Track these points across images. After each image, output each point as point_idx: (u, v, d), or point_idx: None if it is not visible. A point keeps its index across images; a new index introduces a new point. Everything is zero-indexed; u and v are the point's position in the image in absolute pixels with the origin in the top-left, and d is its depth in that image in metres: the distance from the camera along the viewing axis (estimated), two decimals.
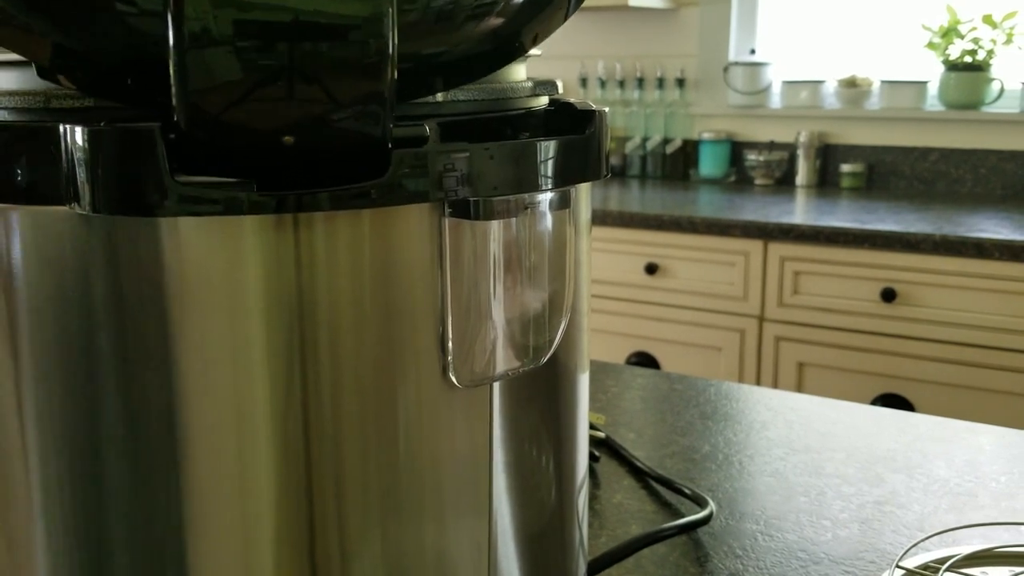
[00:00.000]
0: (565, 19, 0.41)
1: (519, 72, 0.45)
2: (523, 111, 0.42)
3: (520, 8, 0.36)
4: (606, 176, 0.42)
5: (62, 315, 0.34)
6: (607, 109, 0.43)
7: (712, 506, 0.71)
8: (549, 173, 0.38)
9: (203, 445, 0.35)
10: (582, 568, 0.49)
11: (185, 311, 0.34)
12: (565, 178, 0.39)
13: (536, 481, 0.42)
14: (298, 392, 0.35)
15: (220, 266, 0.34)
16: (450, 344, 0.38)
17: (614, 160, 3.06)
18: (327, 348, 0.35)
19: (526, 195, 0.35)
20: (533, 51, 0.42)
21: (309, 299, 0.35)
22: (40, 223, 0.34)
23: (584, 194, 0.44)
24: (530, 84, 0.44)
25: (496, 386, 0.40)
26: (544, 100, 0.45)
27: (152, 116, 0.32)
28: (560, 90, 0.46)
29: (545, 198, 0.39)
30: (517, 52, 0.39)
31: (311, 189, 0.33)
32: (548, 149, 0.38)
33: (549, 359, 0.42)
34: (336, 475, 0.37)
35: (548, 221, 0.39)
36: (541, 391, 0.43)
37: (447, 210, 0.35)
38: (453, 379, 0.38)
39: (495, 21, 0.34)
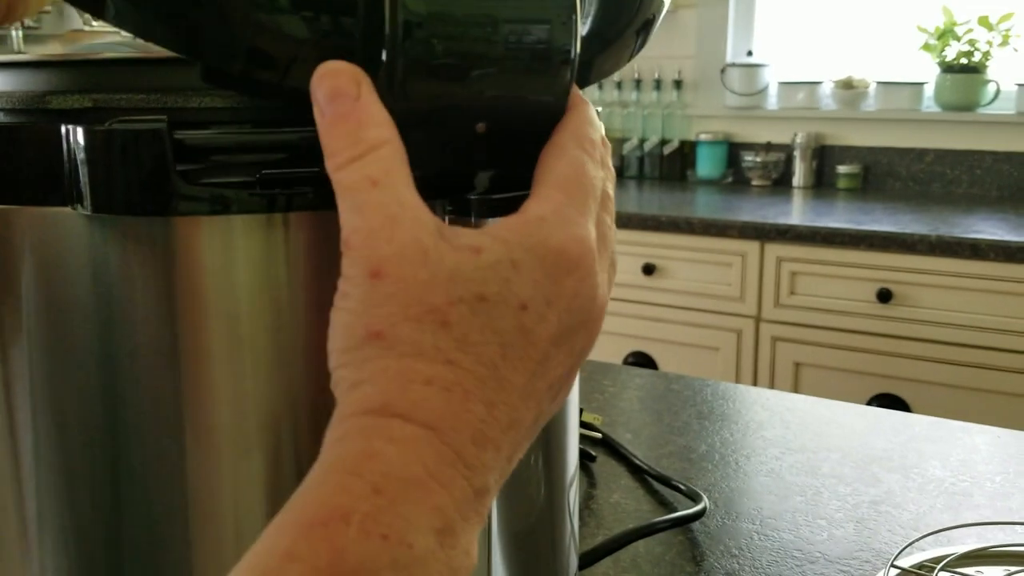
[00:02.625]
0: (629, 59, 0.42)
1: None
2: None
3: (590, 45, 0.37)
4: None
5: (63, 317, 0.34)
6: (601, 109, 0.43)
7: (706, 501, 0.71)
8: None
9: (202, 442, 0.35)
10: (573, 563, 0.49)
11: (191, 311, 0.34)
12: None
13: (525, 477, 0.43)
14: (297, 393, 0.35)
15: (230, 264, 0.34)
16: None
17: (612, 161, 3.06)
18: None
19: (523, 193, 0.35)
20: None
21: (314, 297, 0.35)
22: (40, 224, 0.34)
23: None
24: None
25: None
26: None
27: (158, 112, 0.32)
28: None
29: None
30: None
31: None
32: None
33: None
34: None
35: None
36: None
37: (447, 208, 0.36)
38: None
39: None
